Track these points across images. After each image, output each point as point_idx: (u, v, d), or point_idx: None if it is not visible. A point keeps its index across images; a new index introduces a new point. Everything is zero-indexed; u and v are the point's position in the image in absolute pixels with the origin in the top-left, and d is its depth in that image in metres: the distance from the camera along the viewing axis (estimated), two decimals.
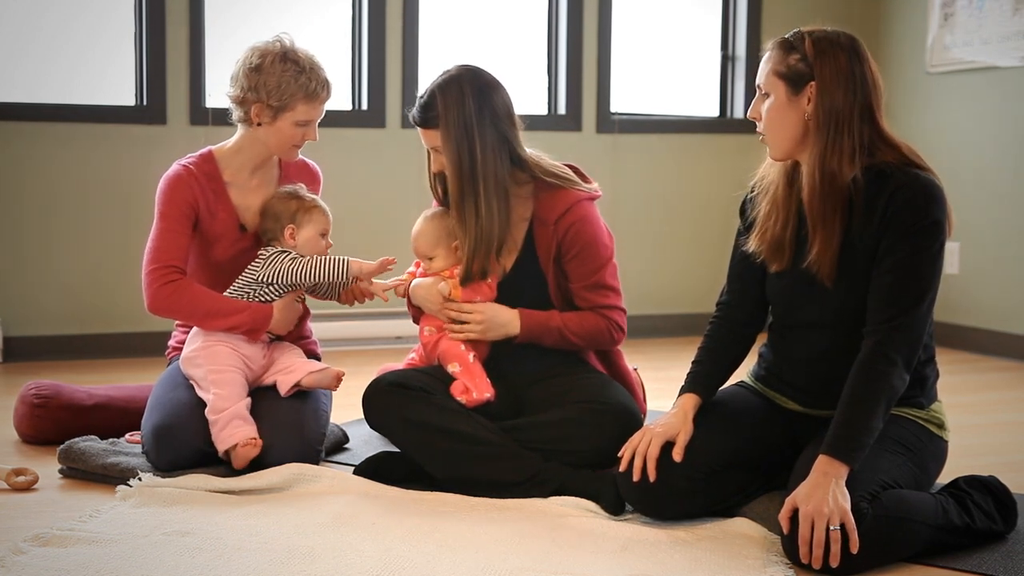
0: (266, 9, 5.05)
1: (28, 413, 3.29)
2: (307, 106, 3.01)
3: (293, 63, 2.98)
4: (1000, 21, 5.08)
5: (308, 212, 3.05)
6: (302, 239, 3.04)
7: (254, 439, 2.85)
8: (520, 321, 2.92)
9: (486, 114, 2.86)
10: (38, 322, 4.74)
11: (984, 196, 5.19)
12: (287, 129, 3.02)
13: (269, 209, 3.07)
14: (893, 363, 2.41)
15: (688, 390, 2.69)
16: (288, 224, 3.03)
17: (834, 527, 2.28)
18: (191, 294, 2.99)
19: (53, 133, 4.72)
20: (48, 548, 2.37)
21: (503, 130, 2.88)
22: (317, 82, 3.00)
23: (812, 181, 2.48)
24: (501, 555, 2.39)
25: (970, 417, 3.81)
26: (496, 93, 2.90)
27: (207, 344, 3.00)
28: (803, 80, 2.46)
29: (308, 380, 3.00)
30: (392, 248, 4.78)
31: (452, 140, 2.85)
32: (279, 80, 2.97)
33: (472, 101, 2.85)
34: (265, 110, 3.00)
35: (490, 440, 2.81)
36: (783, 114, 2.48)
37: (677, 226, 5.66)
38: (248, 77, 2.99)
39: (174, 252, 3.01)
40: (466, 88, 2.86)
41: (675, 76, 5.79)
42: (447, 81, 2.89)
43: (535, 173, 2.93)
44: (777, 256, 2.59)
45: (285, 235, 3.04)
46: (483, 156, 2.84)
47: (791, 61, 2.47)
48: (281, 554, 2.36)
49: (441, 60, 5.26)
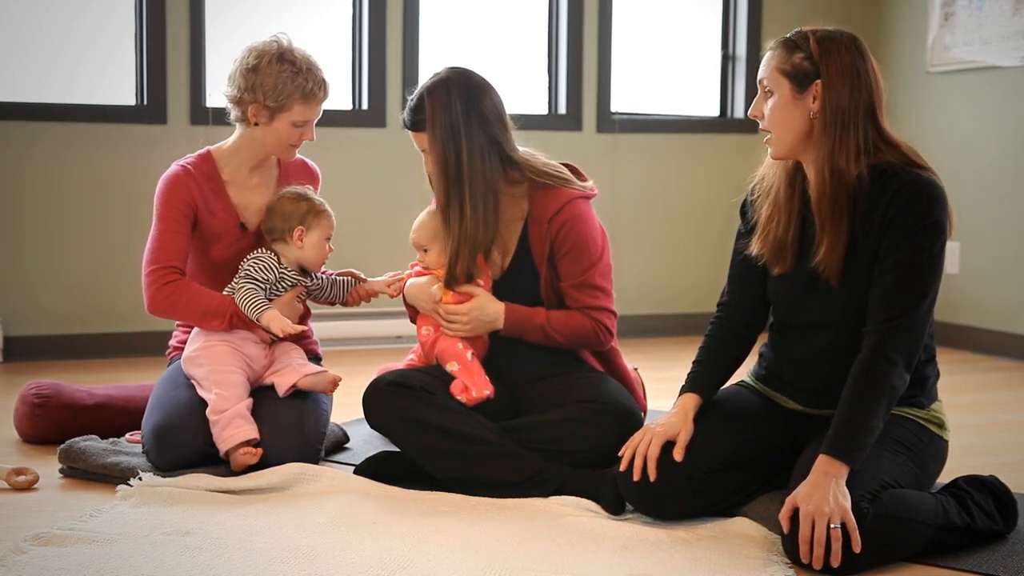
0: (266, 9, 5.05)
1: (28, 413, 3.29)
2: (304, 107, 3.01)
3: (290, 64, 2.98)
4: (1000, 21, 5.08)
5: (318, 216, 3.05)
6: (310, 242, 3.04)
7: (254, 449, 2.86)
8: (504, 315, 2.93)
9: (473, 117, 2.86)
10: (38, 322, 4.74)
11: (984, 196, 5.19)
12: (284, 129, 3.02)
13: (278, 208, 3.05)
14: (893, 363, 2.41)
15: (688, 390, 2.69)
16: (298, 225, 3.03)
17: (834, 526, 2.28)
18: (189, 294, 2.99)
19: (53, 133, 4.72)
20: (48, 548, 2.37)
21: (492, 132, 2.88)
22: (314, 82, 3.00)
23: (820, 179, 2.48)
24: (501, 555, 2.39)
25: (970, 417, 3.81)
26: (485, 95, 2.90)
27: (209, 344, 3.00)
28: (808, 78, 2.46)
29: (304, 383, 3.00)
30: (391, 247, 4.81)
31: (438, 142, 2.86)
32: (276, 81, 2.97)
33: (459, 104, 2.85)
34: (262, 110, 3.00)
35: (490, 440, 2.81)
36: (787, 112, 2.48)
37: (677, 226, 5.66)
38: (245, 77, 2.99)
39: (172, 252, 3.01)
40: (454, 91, 2.86)
41: (675, 76, 5.79)
42: (435, 84, 2.89)
43: (528, 174, 2.93)
44: (779, 259, 2.59)
45: (293, 236, 3.03)
46: (469, 159, 2.85)
47: (796, 59, 2.47)
48: (281, 553, 2.36)
49: (441, 60, 5.28)
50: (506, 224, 2.96)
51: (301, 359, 3.09)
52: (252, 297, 2.96)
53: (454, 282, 2.92)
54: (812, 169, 2.51)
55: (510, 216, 2.96)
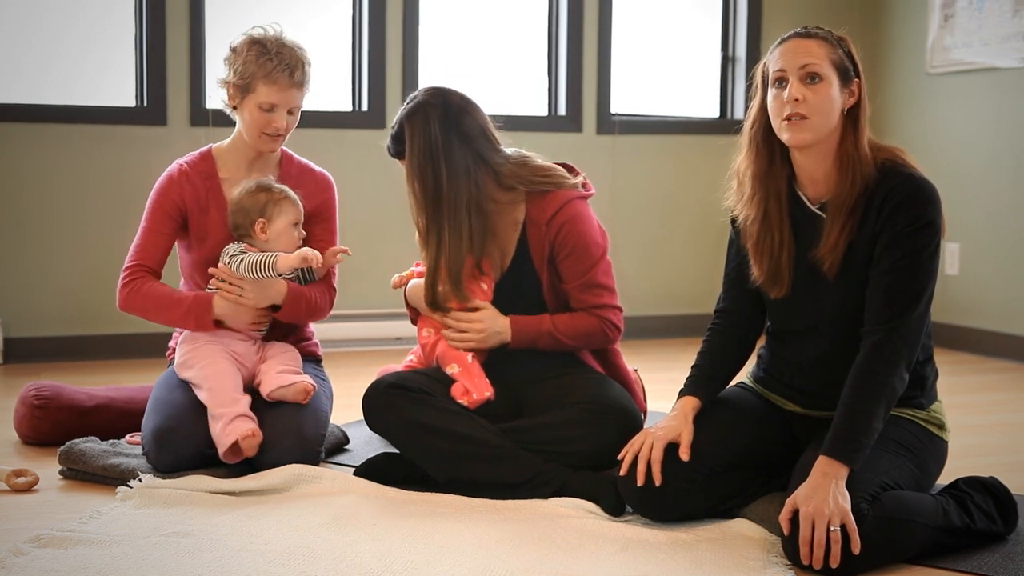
0: (266, 10, 5.05)
1: (28, 414, 3.29)
2: (268, 87, 2.99)
3: (260, 45, 3.00)
4: (1000, 22, 5.08)
5: (278, 204, 3.00)
6: (274, 232, 3.00)
7: (252, 431, 2.86)
8: (511, 328, 2.92)
9: (453, 138, 2.85)
10: (38, 323, 4.74)
11: (984, 196, 5.19)
12: (253, 112, 3.02)
13: (238, 204, 3.02)
14: (893, 364, 2.42)
15: (687, 393, 2.69)
16: (258, 218, 2.99)
17: (834, 528, 2.29)
18: (144, 292, 3.04)
19: (53, 134, 4.72)
20: (48, 549, 2.37)
21: (477, 148, 2.88)
22: (279, 63, 2.98)
23: (848, 168, 2.50)
24: (501, 556, 2.39)
25: (970, 418, 3.81)
26: (465, 114, 2.88)
27: (195, 345, 3.01)
28: (849, 75, 2.52)
29: (275, 395, 2.97)
30: (392, 248, 4.81)
31: (415, 168, 2.86)
32: (244, 60, 3.00)
33: (438, 127, 2.85)
34: (236, 92, 3.03)
35: (490, 441, 2.81)
36: (834, 101, 2.50)
37: (677, 227, 5.66)
38: (227, 60, 3.05)
39: (149, 252, 3.07)
40: (432, 114, 2.86)
41: (675, 77, 5.79)
42: (412, 109, 2.89)
43: (521, 186, 2.91)
44: (777, 282, 2.60)
45: (256, 230, 3.00)
46: (449, 183, 2.84)
47: (839, 55, 2.51)
48: (281, 555, 2.36)
49: (441, 61, 5.29)
50: (503, 230, 2.95)
51: (288, 362, 3.08)
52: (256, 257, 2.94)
53: (436, 308, 2.92)
54: (828, 162, 2.52)
55: (507, 222, 2.95)
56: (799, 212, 2.58)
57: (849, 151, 2.51)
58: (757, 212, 2.59)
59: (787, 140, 2.51)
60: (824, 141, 2.51)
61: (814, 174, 2.55)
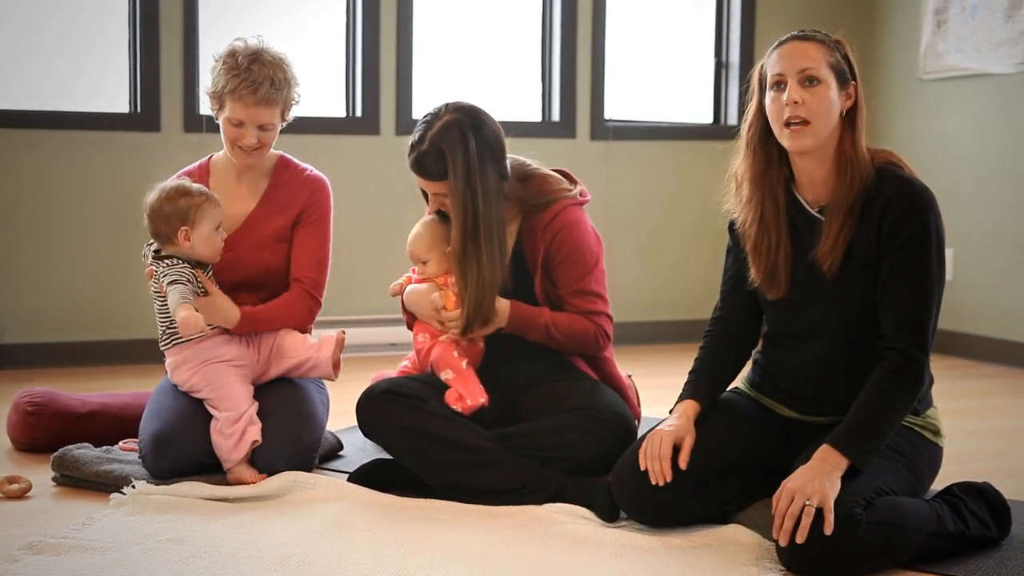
0: (260, 17, 5.06)
1: (21, 420, 3.29)
2: (233, 104, 2.97)
3: (233, 59, 2.98)
4: (992, 28, 5.09)
5: (199, 208, 2.88)
6: (198, 238, 2.89)
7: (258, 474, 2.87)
8: (510, 311, 2.91)
9: (486, 156, 2.82)
10: (34, 329, 4.74)
11: (978, 202, 5.20)
12: (225, 125, 3.02)
13: (156, 211, 2.89)
14: (918, 379, 2.47)
15: (687, 397, 2.69)
16: (180, 225, 2.87)
17: (810, 503, 2.30)
18: None
19: (48, 141, 4.72)
20: (41, 556, 2.37)
21: (500, 168, 2.86)
22: (244, 82, 2.94)
23: (847, 169, 2.51)
24: (496, 562, 2.39)
25: (965, 423, 3.81)
26: (486, 127, 2.85)
27: (192, 368, 2.97)
28: (846, 78, 2.53)
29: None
30: (385, 255, 4.81)
31: (458, 192, 2.80)
32: (217, 72, 3.00)
33: (474, 148, 2.80)
34: (213, 103, 3.05)
35: (484, 447, 2.81)
36: (833, 105, 2.51)
37: (671, 233, 5.66)
38: (211, 70, 3.04)
39: None
40: (468, 134, 2.80)
41: (669, 83, 5.80)
42: (447, 129, 2.80)
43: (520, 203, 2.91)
44: (773, 284, 2.60)
45: (179, 238, 2.88)
46: (485, 205, 2.81)
47: (837, 58, 2.52)
48: (275, 562, 2.36)
49: (435, 67, 5.29)
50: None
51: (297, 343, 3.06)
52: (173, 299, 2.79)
53: (470, 331, 2.89)
54: (827, 164, 2.53)
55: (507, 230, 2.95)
56: (798, 215, 2.58)
57: (847, 153, 2.52)
58: (754, 214, 2.59)
59: (788, 146, 2.52)
60: (823, 144, 2.52)
61: (813, 177, 2.56)
